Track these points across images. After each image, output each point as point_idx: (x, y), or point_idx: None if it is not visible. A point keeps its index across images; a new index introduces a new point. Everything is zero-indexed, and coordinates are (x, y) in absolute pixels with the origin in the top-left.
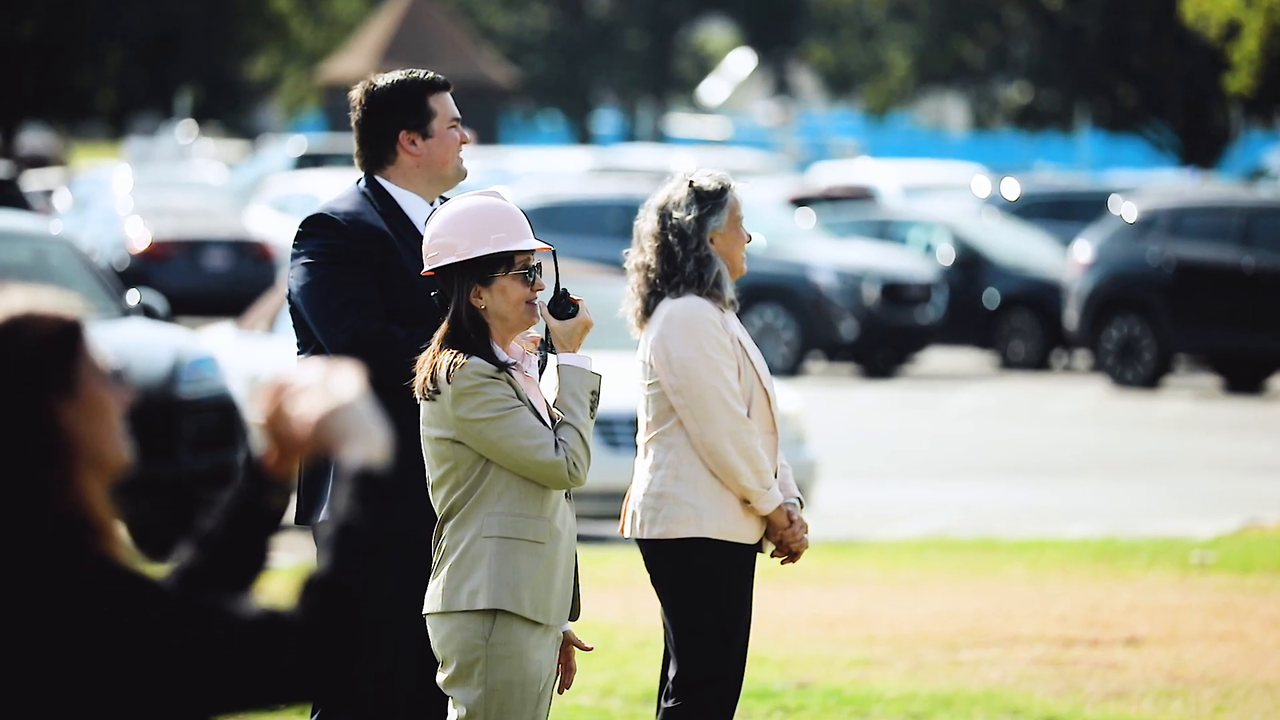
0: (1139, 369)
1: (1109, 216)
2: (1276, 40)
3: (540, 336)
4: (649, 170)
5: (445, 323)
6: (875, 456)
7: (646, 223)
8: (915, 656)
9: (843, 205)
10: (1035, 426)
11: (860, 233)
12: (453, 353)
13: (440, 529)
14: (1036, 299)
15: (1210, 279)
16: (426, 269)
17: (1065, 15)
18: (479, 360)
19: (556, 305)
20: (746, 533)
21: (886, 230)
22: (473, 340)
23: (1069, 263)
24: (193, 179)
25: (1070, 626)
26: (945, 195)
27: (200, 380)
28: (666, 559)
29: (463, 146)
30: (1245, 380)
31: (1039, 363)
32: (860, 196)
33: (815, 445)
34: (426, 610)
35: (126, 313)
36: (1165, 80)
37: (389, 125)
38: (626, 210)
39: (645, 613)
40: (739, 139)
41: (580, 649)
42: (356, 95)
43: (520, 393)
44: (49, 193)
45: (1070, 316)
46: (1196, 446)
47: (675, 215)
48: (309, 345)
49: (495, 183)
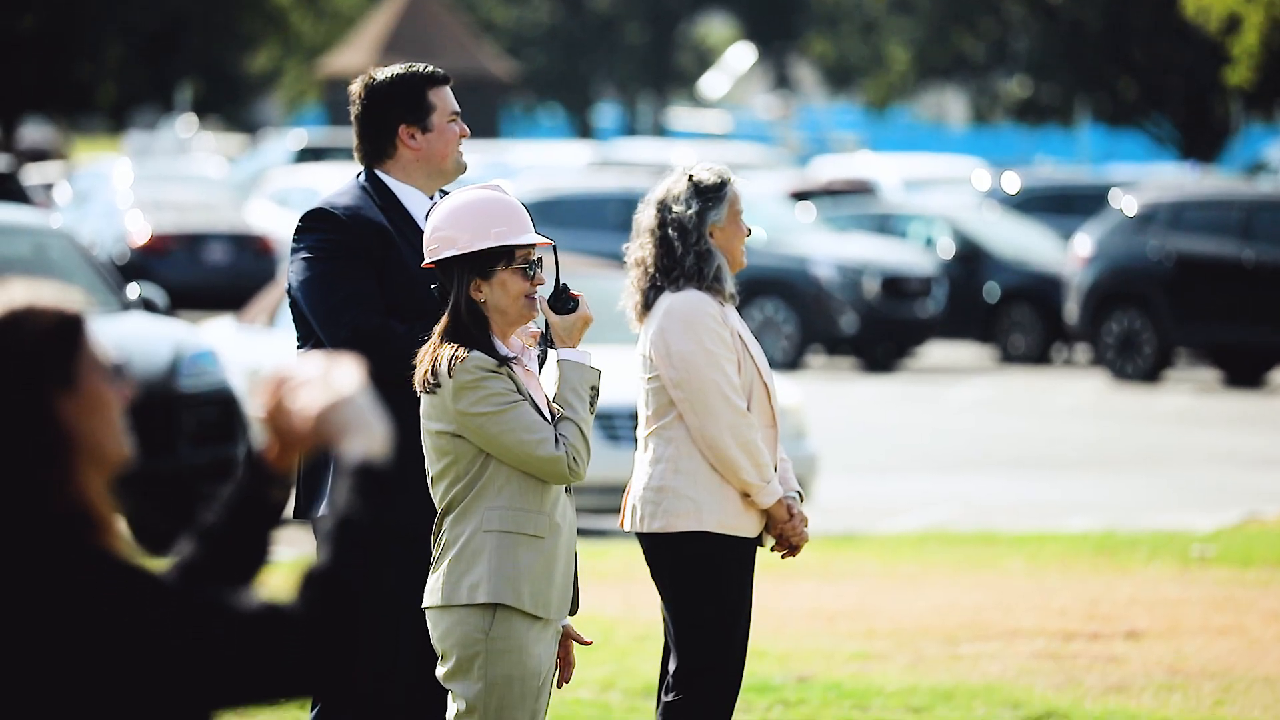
0: (1139, 363)
1: (1109, 210)
2: (1277, 34)
3: (540, 331)
4: (649, 164)
5: (445, 316)
6: (875, 450)
7: (646, 217)
8: (915, 650)
9: (843, 199)
10: (1035, 420)
11: (860, 226)
12: (454, 346)
13: (440, 523)
14: (1037, 293)
15: (1210, 273)
16: (427, 261)
17: (1065, 9)
18: (480, 354)
19: (557, 300)
20: (746, 526)
21: (887, 224)
22: (472, 334)
23: (1069, 256)
24: (193, 173)
25: (1070, 620)
26: (945, 189)
27: (200, 374)
28: (666, 552)
29: (462, 140)
30: (1245, 374)
31: (1039, 356)
32: (860, 190)
33: (815, 439)
34: (426, 604)
35: (127, 306)
36: (1165, 74)
37: (388, 119)
38: (626, 204)
39: (645, 606)
40: (739, 133)
41: (579, 643)
42: (356, 89)
43: (521, 387)
44: (49, 186)
45: (1070, 310)
46: (1197, 440)
47: (675, 209)
48: (309, 339)
49: (495, 176)
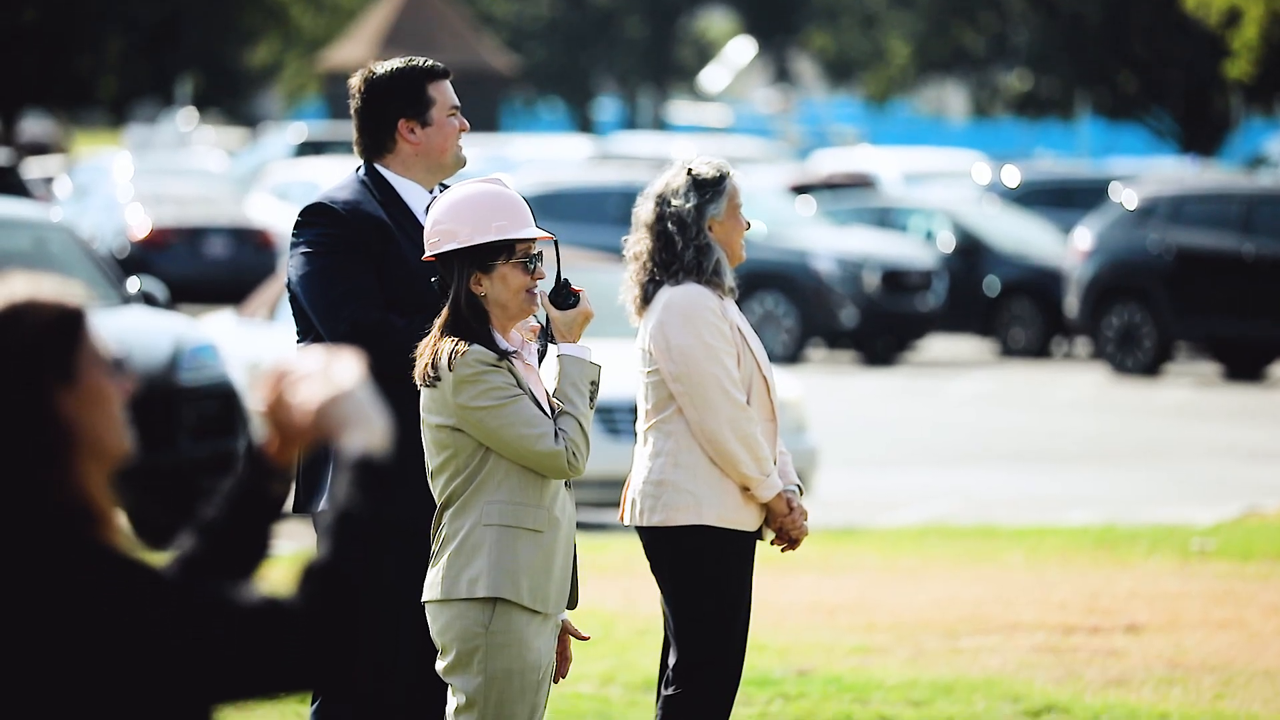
0: (1139, 356)
1: (1109, 204)
2: (1277, 27)
3: (540, 325)
4: (649, 158)
5: (445, 309)
6: (875, 444)
7: (645, 211)
8: (915, 644)
9: (843, 192)
10: (1035, 414)
11: (861, 220)
12: (454, 340)
13: (440, 516)
14: (1037, 286)
15: (1210, 266)
16: (428, 254)
17: (1065, 2)
18: (480, 348)
19: (558, 295)
20: (746, 520)
21: (887, 217)
22: (473, 327)
23: (1069, 250)
24: (193, 166)
25: (1070, 614)
26: (945, 182)
27: (201, 368)
28: (666, 546)
29: (461, 134)
30: (1245, 367)
31: (1039, 350)
32: (860, 184)
33: (815, 432)
34: (426, 598)
35: (127, 300)
36: (1166, 68)
37: (388, 113)
38: (627, 198)
39: (645, 600)
40: (739, 126)
41: (577, 638)
42: (356, 83)
43: (521, 381)
44: (49, 180)
45: (1070, 304)
46: (1196, 434)
47: (674, 203)
48: (308, 333)
49: (496, 170)
